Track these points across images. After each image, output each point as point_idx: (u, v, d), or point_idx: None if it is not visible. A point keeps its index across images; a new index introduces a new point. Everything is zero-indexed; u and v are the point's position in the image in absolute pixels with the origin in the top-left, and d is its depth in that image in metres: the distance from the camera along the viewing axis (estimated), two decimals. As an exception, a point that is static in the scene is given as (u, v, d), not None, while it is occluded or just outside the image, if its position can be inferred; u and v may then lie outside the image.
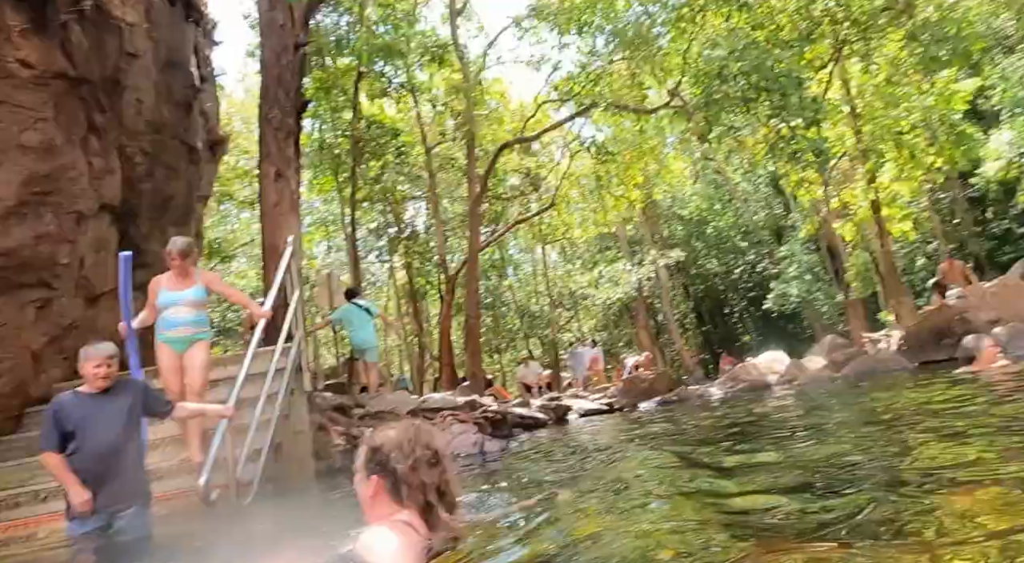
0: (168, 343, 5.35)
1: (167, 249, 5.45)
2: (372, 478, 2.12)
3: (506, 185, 24.18)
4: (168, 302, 5.38)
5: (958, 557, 1.50)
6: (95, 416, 4.13)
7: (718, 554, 1.68)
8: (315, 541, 3.36)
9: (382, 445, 2.16)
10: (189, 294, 5.42)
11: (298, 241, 8.92)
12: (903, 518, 1.87)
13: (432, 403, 10.30)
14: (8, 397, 6.03)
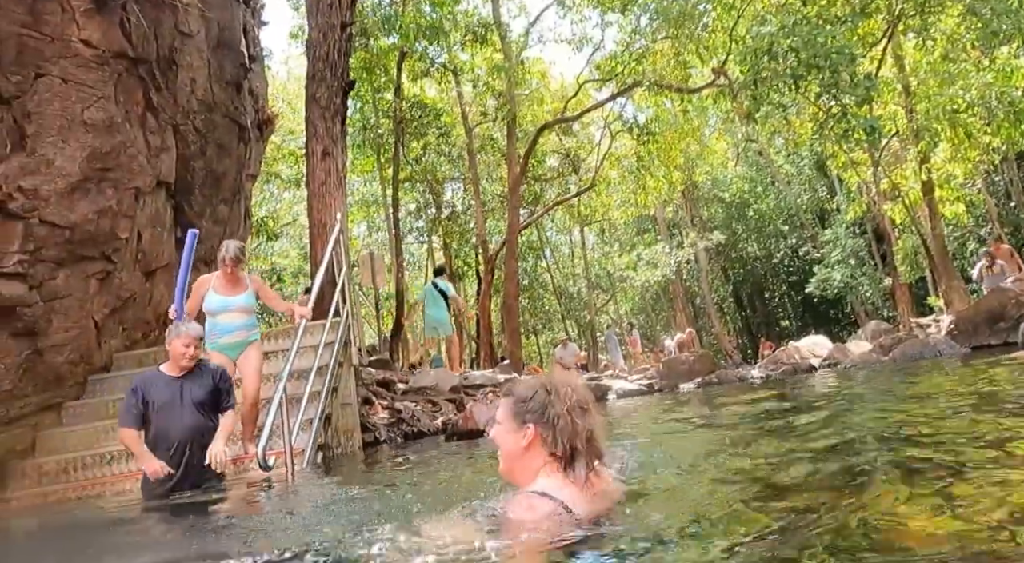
0: (221, 351, 5.23)
1: (220, 254, 5.26)
2: (528, 427, 2.01)
3: (545, 166, 24.10)
4: (220, 308, 5.25)
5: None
6: (176, 401, 4.26)
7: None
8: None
9: (536, 392, 2.05)
10: (241, 300, 5.31)
11: (344, 219, 9.07)
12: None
13: (473, 380, 10.43)
14: (74, 364, 6.29)
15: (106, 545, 3.03)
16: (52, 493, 5.38)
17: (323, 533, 2.38)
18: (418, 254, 32.17)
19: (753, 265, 35.08)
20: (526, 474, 2.02)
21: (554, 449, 1.98)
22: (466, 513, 2.12)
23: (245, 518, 3.37)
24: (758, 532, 1.78)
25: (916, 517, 1.71)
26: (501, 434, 2.06)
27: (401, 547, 1.81)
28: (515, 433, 2.02)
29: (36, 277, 5.73)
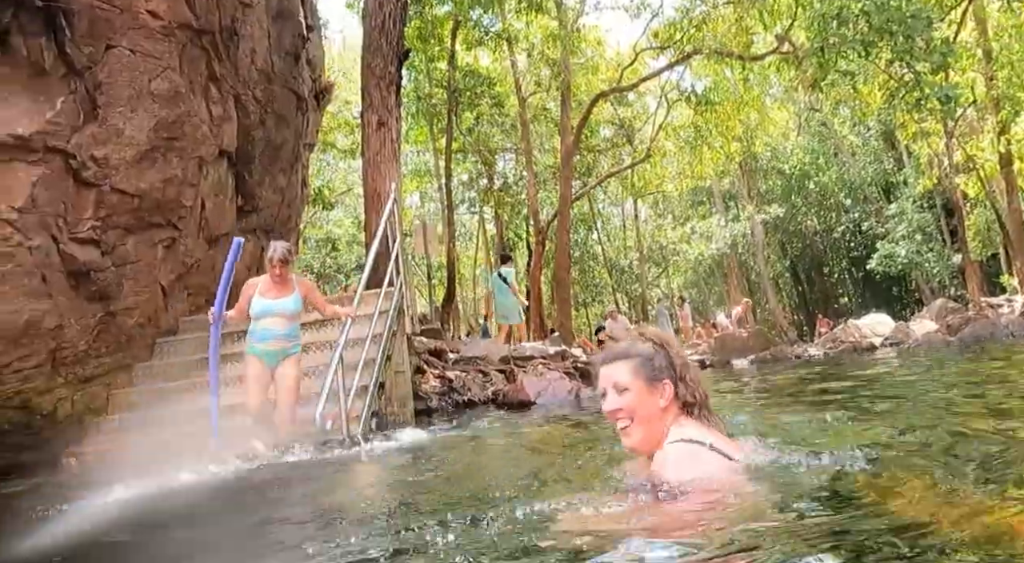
0: (258, 356, 4.98)
1: (268, 254, 5.04)
2: (664, 382, 1.91)
3: (599, 137, 23.75)
4: (263, 312, 5.00)
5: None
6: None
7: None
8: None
9: (654, 346, 1.95)
10: (287, 305, 5.05)
11: (399, 190, 9.14)
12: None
13: (524, 351, 10.48)
14: (143, 327, 6.56)
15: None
16: (123, 449, 5.65)
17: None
18: (469, 225, 32.32)
19: (812, 240, 34.00)
20: (658, 437, 1.90)
21: (688, 399, 1.90)
22: (607, 490, 1.97)
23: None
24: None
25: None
26: (636, 399, 1.90)
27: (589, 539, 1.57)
28: (651, 393, 1.89)
29: (108, 243, 5.96)
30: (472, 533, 1.73)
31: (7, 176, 5.02)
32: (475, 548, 1.60)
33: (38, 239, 5.22)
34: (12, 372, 5.01)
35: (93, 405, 6.00)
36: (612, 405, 1.91)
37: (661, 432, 1.89)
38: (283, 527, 2.41)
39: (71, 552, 2.40)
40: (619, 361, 1.95)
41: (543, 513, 1.79)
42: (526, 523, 1.75)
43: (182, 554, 2.20)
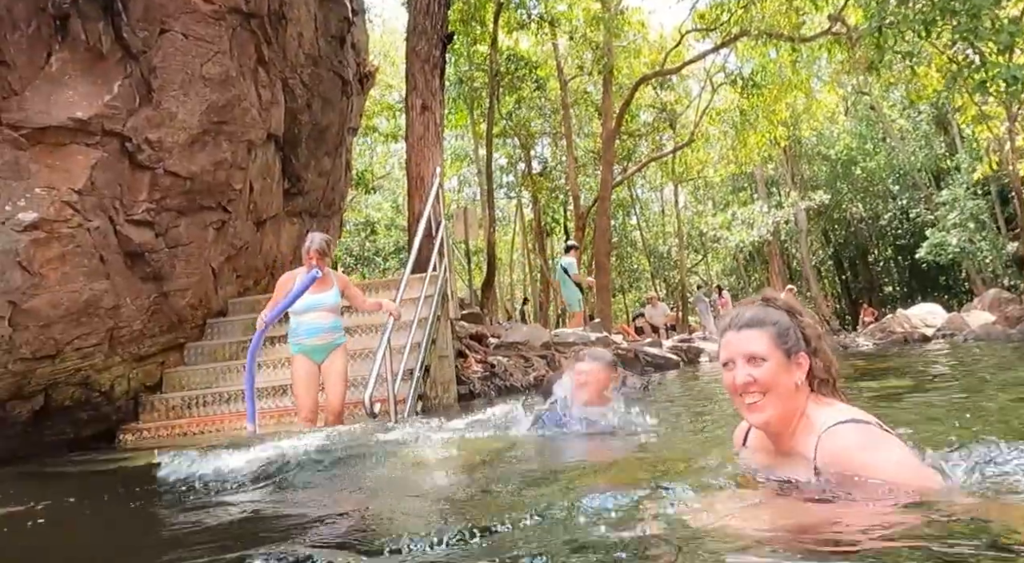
0: (305, 353, 4.88)
1: (305, 246, 4.91)
2: (801, 355, 1.69)
3: (639, 121, 23.41)
4: (308, 307, 4.87)
5: None
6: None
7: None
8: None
9: (795, 316, 1.73)
10: (328, 299, 4.95)
11: (442, 174, 9.13)
12: None
13: (564, 337, 10.44)
14: (194, 308, 6.69)
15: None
16: (177, 426, 5.80)
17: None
18: (506, 209, 32.27)
19: (857, 227, 33.15)
20: (791, 416, 1.69)
21: (822, 375, 1.70)
22: (728, 481, 1.72)
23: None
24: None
25: None
26: (772, 372, 1.67)
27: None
28: (788, 367, 1.67)
29: (161, 225, 6.07)
30: (582, 529, 1.50)
31: (68, 159, 5.13)
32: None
33: (97, 221, 5.33)
34: (73, 350, 5.15)
35: (148, 383, 6.15)
36: (744, 377, 1.68)
37: (795, 411, 1.68)
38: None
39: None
40: (753, 329, 1.70)
41: (664, 507, 1.57)
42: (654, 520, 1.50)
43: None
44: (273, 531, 2.11)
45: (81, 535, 2.47)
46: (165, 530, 2.33)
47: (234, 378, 6.17)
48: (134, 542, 2.23)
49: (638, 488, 1.74)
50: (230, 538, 2.08)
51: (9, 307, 4.58)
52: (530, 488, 2.21)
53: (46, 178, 4.98)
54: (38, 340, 4.87)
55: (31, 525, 2.57)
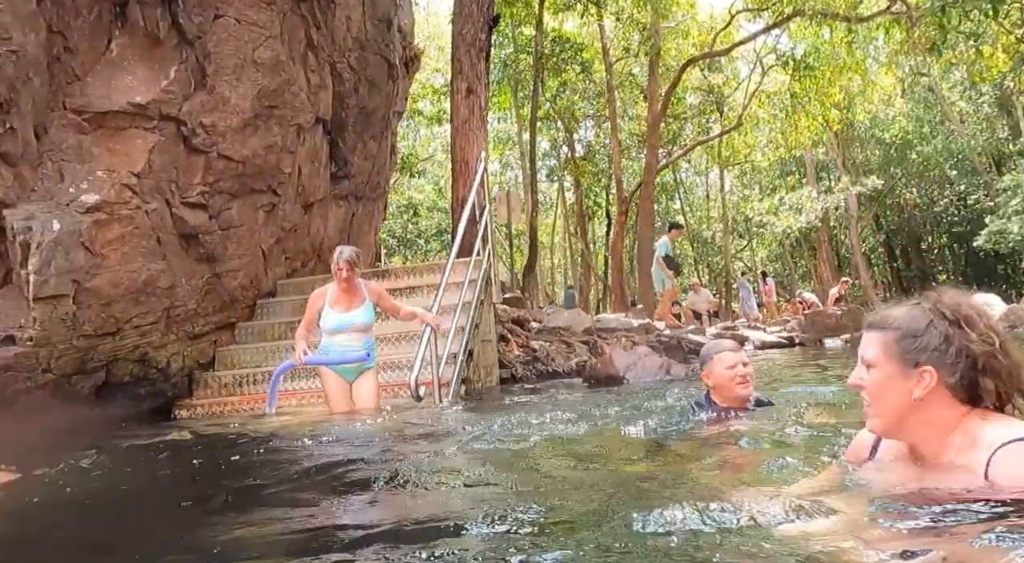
0: (336, 372, 4.74)
1: (334, 258, 4.74)
2: (924, 369, 1.49)
3: (685, 104, 22.98)
4: (338, 327, 4.72)
5: None
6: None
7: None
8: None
9: (951, 323, 1.50)
10: (359, 318, 4.75)
11: (487, 157, 9.12)
12: None
13: (606, 323, 10.40)
14: (245, 289, 6.86)
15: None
16: (228, 403, 5.97)
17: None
18: (548, 193, 32.15)
19: (911, 213, 32.06)
20: (932, 431, 1.52)
21: (991, 393, 1.48)
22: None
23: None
24: None
25: None
26: (879, 381, 1.54)
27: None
28: (904, 378, 1.50)
29: (215, 207, 6.22)
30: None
31: (127, 143, 5.28)
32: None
33: (154, 203, 5.49)
34: (132, 328, 5.34)
35: (201, 360, 6.35)
36: (854, 379, 1.59)
37: (934, 425, 1.51)
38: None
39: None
40: (872, 331, 1.57)
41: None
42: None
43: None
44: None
45: (150, 497, 2.64)
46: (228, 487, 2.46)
47: (282, 357, 6.31)
48: (198, 504, 2.35)
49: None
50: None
51: (73, 285, 4.76)
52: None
53: (107, 161, 5.14)
54: (100, 318, 5.06)
55: (111, 492, 2.75)
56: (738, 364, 3.06)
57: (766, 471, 2.07)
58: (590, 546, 1.44)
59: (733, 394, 3.08)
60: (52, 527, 2.23)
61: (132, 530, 2.16)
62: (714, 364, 3.09)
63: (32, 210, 4.59)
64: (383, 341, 6.31)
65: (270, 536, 1.88)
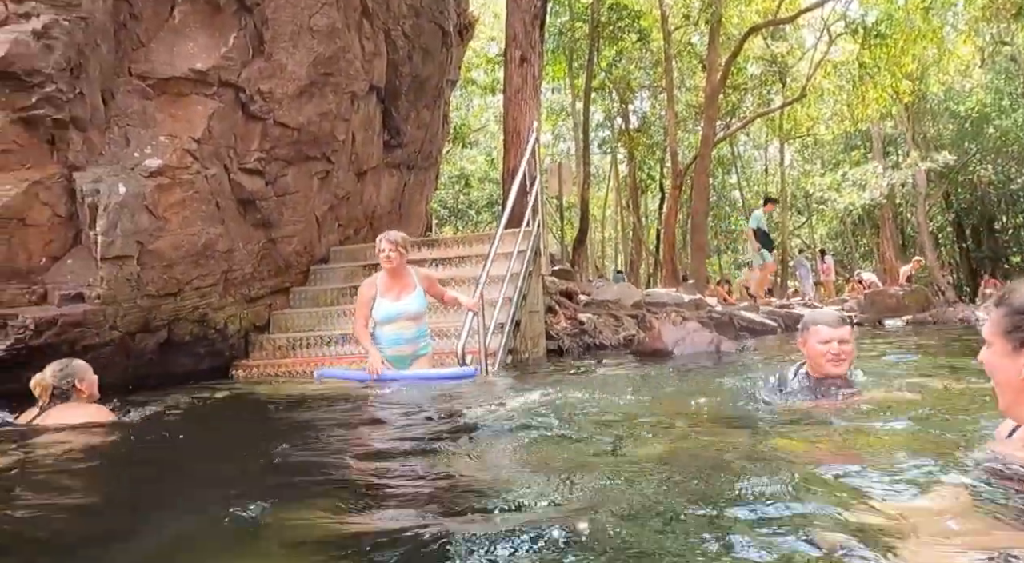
0: (390, 360, 4.61)
1: (379, 244, 4.60)
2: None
3: (746, 74, 22.21)
4: (388, 317, 4.61)
5: None
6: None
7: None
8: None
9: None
10: (411, 306, 4.64)
11: (539, 128, 9.03)
12: None
13: (656, 298, 10.27)
14: (299, 254, 7.02)
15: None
16: (282, 364, 6.15)
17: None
18: (601, 165, 31.72)
19: (984, 191, 30.40)
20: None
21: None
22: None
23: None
24: None
25: None
26: (992, 358, 1.51)
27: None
28: (1014, 356, 1.46)
29: (271, 173, 6.35)
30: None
31: (188, 109, 5.41)
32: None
33: (213, 168, 5.63)
34: (192, 289, 5.53)
35: (257, 323, 6.54)
36: (979, 356, 1.57)
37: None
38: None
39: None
40: (993, 309, 1.54)
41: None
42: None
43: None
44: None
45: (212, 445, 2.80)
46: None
47: (334, 322, 6.47)
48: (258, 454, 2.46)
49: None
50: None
51: (137, 247, 4.94)
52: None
53: (169, 127, 5.29)
54: (162, 279, 5.25)
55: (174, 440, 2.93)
56: (833, 340, 2.78)
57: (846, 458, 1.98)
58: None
59: (823, 371, 2.84)
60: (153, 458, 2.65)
61: (204, 471, 2.37)
62: (809, 335, 2.85)
63: (100, 173, 4.76)
64: (434, 310, 6.38)
65: (322, 487, 1.94)
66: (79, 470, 2.42)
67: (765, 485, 1.56)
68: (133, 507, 1.95)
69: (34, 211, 4.48)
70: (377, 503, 1.73)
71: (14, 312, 4.36)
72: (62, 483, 2.24)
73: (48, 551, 1.59)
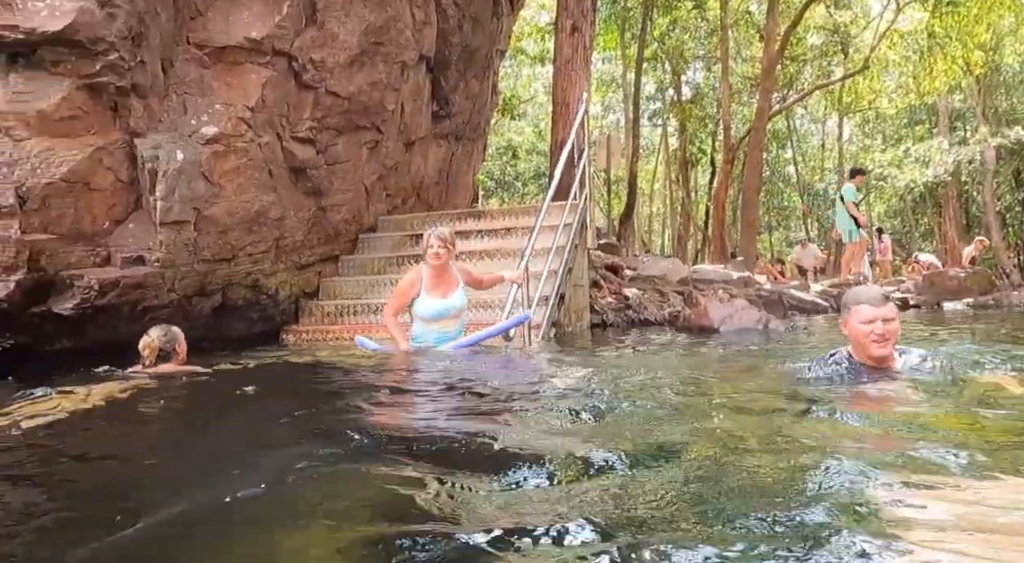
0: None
1: (427, 240, 4.53)
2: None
3: (806, 45, 21.38)
4: (436, 315, 4.57)
5: None
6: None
7: None
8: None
9: None
10: (455, 303, 4.63)
11: (589, 99, 8.89)
12: None
13: (704, 274, 10.12)
14: (348, 223, 7.12)
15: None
16: (330, 331, 6.30)
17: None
18: (650, 138, 31.13)
19: (1059, 170, 28.82)
20: None
21: None
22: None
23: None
24: None
25: None
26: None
27: None
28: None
29: (322, 142, 6.43)
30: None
31: (243, 77, 5.50)
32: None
33: (266, 136, 5.73)
34: (246, 255, 5.68)
35: (307, 290, 6.70)
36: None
37: None
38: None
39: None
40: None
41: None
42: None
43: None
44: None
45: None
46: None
47: (380, 291, 6.57)
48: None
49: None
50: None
51: (194, 213, 5.09)
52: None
53: (225, 95, 5.39)
54: (217, 244, 5.40)
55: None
56: (877, 320, 2.62)
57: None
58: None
59: (867, 352, 2.67)
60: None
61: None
62: (850, 315, 2.70)
63: (159, 140, 4.90)
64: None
65: (371, 452, 2.00)
66: (166, 417, 2.79)
67: (822, 474, 1.53)
68: (215, 453, 2.10)
69: (98, 176, 4.64)
70: (423, 468, 1.77)
71: (80, 273, 4.56)
72: (152, 424, 2.65)
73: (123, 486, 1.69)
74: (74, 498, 1.74)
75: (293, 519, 1.41)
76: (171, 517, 1.40)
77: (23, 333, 4.59)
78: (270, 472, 1.69)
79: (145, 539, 1.31)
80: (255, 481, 1.59)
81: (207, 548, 1.30)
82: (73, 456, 2.16)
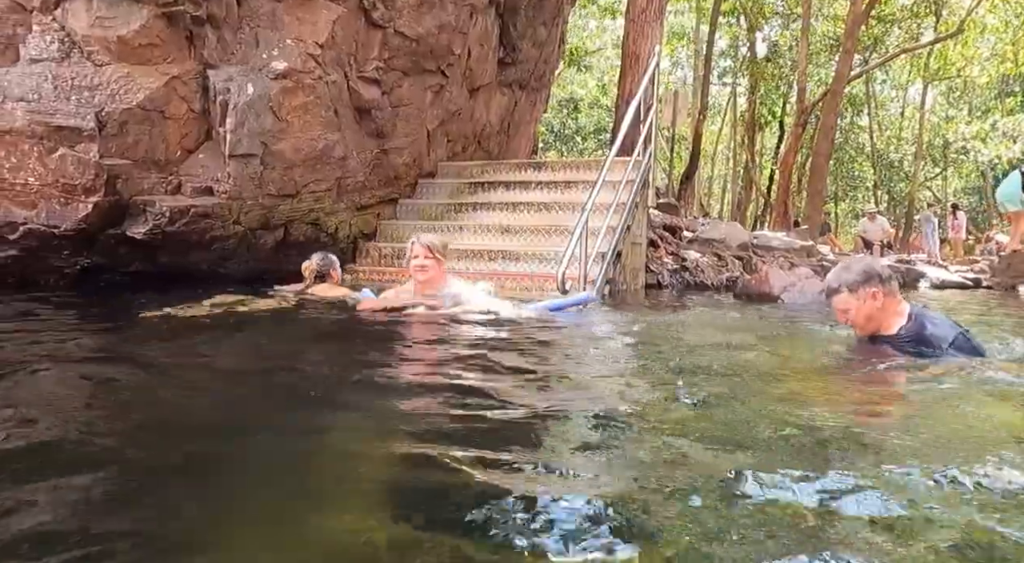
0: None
1: (410, 247, 4.10)
2: None
3: (896, 4, 20.09)
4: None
5: None
6: None
7: None
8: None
9: None
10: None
11: (661, 53, 8.58)
12: None
13: (765, 241, 9.84)
14: (408, 167, 7.13)
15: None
16: (386, 272, 6.38)
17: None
18: (718, 97, 30.04)
19: None
20: None
21: None
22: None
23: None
24: None
25: None
26: None
27: None
28: None
29: (387, 83, 6.40)
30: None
31: (314, 13, 5.48)
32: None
33: (334, 75, 5.73)
34: (309, 192, 5.76)
35: (365, 231, 6.77)
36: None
37: None
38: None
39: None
40: None
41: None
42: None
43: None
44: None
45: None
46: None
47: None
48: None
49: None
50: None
51: (261, 147, 5.16)
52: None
53: (295, 30, 5.38)
54: (281, 180, 5.48)
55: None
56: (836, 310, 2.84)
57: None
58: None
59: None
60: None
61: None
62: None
63: (231, 73, 4.95)
64: (536, 233, 6.40)
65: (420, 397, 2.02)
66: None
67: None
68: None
69: (172, 105, 4.74)
70: (462, 427, 1.77)
71: (152, 199, 4.71)
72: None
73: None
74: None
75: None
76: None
77: (100, 254, 4.79)
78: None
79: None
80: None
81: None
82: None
